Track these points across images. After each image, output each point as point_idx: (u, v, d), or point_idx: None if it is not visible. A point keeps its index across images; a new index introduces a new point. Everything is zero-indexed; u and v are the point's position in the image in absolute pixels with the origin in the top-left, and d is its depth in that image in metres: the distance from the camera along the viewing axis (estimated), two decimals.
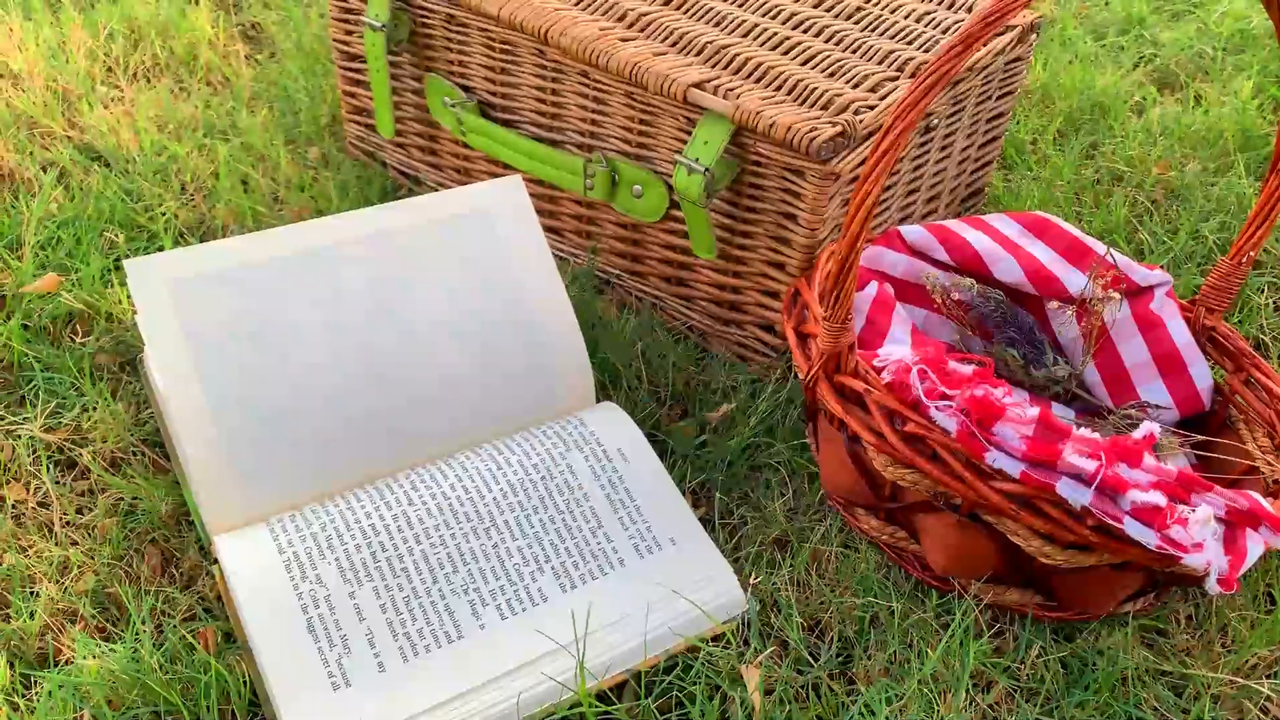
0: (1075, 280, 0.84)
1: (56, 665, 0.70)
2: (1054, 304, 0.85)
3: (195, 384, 0.72)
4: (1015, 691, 0.71)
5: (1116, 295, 0.81)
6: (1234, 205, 1.12)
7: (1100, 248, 0.84)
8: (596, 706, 0.68)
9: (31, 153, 1.08)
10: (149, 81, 1.22)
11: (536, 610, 0.70)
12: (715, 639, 0.72)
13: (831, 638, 0.73)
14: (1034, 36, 0.97)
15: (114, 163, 1.08)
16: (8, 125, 1.11)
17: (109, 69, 1.23)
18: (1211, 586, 0.64)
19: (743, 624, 0.73)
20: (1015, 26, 0.94)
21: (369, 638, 0.67)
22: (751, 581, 0.75)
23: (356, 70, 1.08)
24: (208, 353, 0.73)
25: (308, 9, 1.35)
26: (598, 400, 0.87)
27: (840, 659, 0.73)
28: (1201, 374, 0.82)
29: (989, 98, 0.98)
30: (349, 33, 1.06)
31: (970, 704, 0.70)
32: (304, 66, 1.23)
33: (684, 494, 0.81)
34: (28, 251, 0.96)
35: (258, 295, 0.76)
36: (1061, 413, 0.84)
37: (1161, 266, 1.01)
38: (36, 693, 0.68)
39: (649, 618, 0.70)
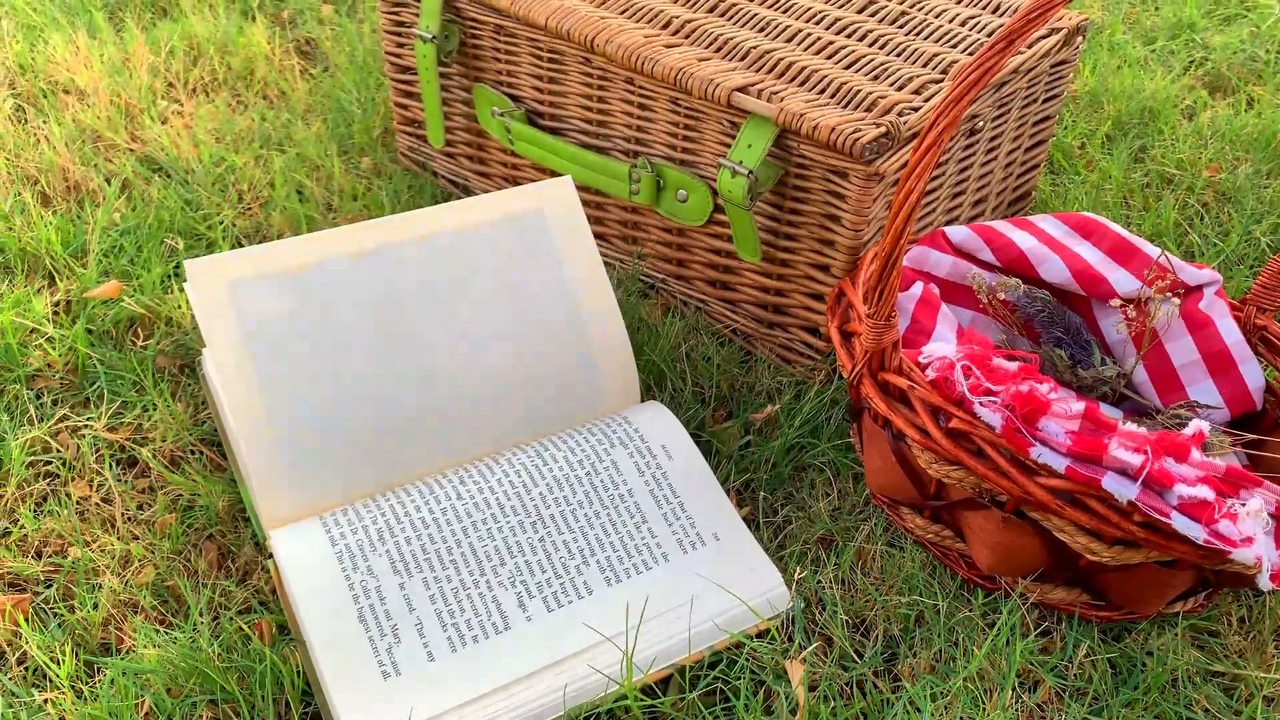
0: (1122, 280, 0.83)
1: (119, 654, 0.72)
2: (1116, 301, 0.84)
3: (252, 383, 0.74)
4: (1062, 691, 0.71)
5: (1176, 301, 0.80)
6: None
7: (1147, 247, 0.84)
8: (641, 700, 0.68)
9: (96, 164, 1.12)
10: (208, 96, 1.25)
11: (582, 603, 0.71)
12: (760, 634, 0.72)
13: (876, 635, 0.73)
14: (1080, 39, 0.97)
15: (174, 173, 1.12)
16: (74, 139, 1.15)
17: (169, 84, 1.27)
18: (1264, 583, 0.63)
19: (787, 620, 0.74)
20: (1061, 29, 0.94)
21: (418, 627, 0.68)
22: (796, 578, 0.75)
23: (408, 82, 1.11)
24: (264, 352, 0.75)
25: (360, 24, 1.38)
26: (642, 401, 0.88)
27: (885, 656, 0.73)
28: (1252, 373, 0.81)
29: (1035, 101, 0.98)
30: (400, 45, 1.09)
31: (1017, 702, 0.70)
32: (357, 80, 1.25)
33: (728, 494, 0.82)
34: (92, 259, 0.99)
35: (314, 296, 0.77)
36: (1110, 413, 0.83)
37: (1212, 267, 1.00)
38: (100, 680, 0.70)
39: (694, 613, 0.71)
